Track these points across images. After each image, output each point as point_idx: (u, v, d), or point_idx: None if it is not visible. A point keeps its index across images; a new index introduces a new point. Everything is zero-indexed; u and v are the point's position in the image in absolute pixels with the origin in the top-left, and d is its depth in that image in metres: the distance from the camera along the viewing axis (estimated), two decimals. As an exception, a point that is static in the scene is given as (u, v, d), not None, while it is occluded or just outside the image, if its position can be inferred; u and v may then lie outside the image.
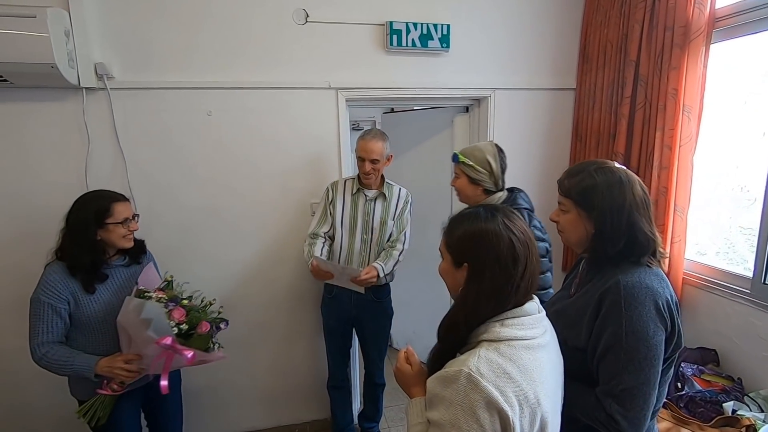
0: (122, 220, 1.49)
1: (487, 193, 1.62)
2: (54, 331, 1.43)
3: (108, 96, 1.91)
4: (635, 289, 0.97)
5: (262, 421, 2.43)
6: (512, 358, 0.80)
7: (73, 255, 1.45)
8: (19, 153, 1.87)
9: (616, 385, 0.96)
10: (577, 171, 1.08)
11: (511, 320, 0.83)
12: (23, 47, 1.64)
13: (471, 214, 0.89)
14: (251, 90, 2.08)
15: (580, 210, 1.05)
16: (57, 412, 2.07)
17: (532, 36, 2.39)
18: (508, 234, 0.84)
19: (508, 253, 0.83)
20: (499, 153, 1.62)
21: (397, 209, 2.10)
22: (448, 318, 0.89)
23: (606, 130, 2.26)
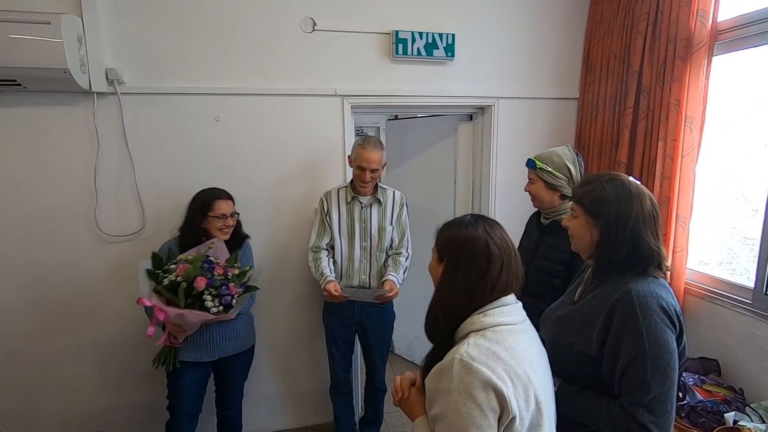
0: (219, 215, 1.78)
1: (563, 198, 1.62)
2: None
3: (118, 101, 1.95)
4: (647, 298, 0.99)
5: (265, 424, 2.44)
6: (498, 341, 0.85)
7: (184, 233, 1.80)
8: (32, 155, 1.91)
9: (644, 394, 0.96)
10: (591, 180, 1.12)
11: (493, 310, 0.89)
12: (37, 52, 1.68)
13: (458, 220, 0.99)
14: (258, 96, 2.12)
15: (588, 217, 1.09)
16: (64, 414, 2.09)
17: (536, 46, 2.42)
18: (485, 237, 0.91)
19: (482, 253, 0.90)
20: (577, 158, 1.62)
21: (394, 213, 2.10)
22: (428, 313, 0.96)
23: (609, 140, 2.28)
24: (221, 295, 1.61)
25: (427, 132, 2.93)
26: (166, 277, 1.59)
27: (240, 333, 1.91)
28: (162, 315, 1.57)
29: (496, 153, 2.47)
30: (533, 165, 1.64)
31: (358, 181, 1.99)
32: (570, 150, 1.64)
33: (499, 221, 2.60)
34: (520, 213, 1.96)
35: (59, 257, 1.97)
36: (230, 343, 1.88)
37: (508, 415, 0.81)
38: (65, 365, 2.09)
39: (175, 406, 1.84)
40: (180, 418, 1.84)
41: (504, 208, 2.50)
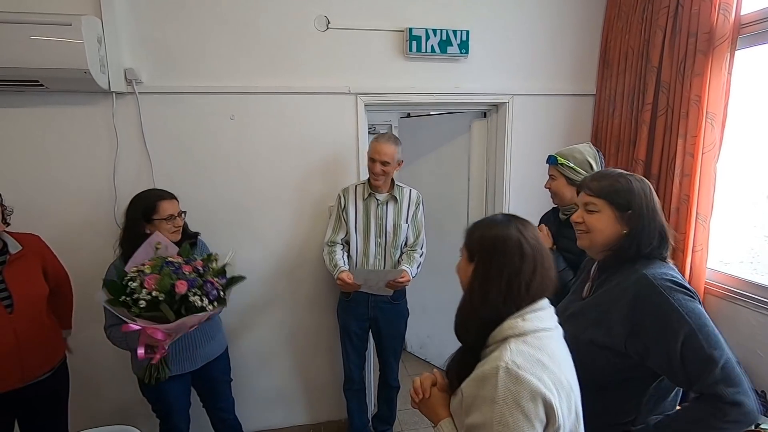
0: (167, 216, 1.64)
1: None
2: (116, 317, 1.48)
3: (136, 100, 1.98)
4: (663, 279, 1.01)
5: (280, 420, 2.47)
6: (541, 347, 0.82)
7: (127, 247, 1.61)
8: (54, 154, 1.95)
9: (712, 368, 0.93)
10: (606, 175, 1.15)
11: (531, 314, 0.86)
12: (59, 53, 1.71)
13: (490, 219, 0.96)
14: (273, 95, 2.13)
15: (613, 210, 1.10)
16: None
17: (552, 42, 2.38)
18: (518, 235, 0.88)
19: (515, 250, 0.87)
20: (598, 155, 1.64)
21: (409, 211, 2.11)
22: (458, 314, 0.92)
23: (626, 137, 2.24)
24: (207, 292, 1.48)
25: (440, 129, 2.92)
26: (138, 298, 1.38)
27: (214, 335, 1.86)
28: (160, 334, 1.41)
29: (511, 150, 2.45)
30: (554, 161, 1.64)
31: (371, 174, 2.01)
32: (591, 147, 1.64)
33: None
34: (535, 210, 1.94)
35: (80, 253, 2.00)
36: (209, 346, 1.83)
37: (554, 425, 0.78)
38: (85, 357, 2.13)
39: (167, 416, 1.82)
40: (175, 420, 1.83)
41: (518, 205, 2.48)
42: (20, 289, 1.55)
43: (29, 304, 1.57)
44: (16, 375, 1.54)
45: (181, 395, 1.82)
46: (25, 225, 1.92)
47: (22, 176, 1.94)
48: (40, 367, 1.63)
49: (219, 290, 1.53)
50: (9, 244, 1.56)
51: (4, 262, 1.54)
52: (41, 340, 1.61)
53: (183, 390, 1.83)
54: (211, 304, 1.49)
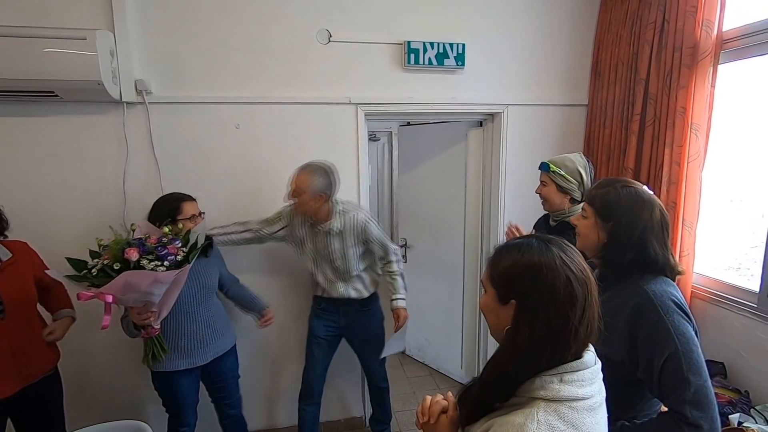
0: (190, 216, 1.79)
1: (573, 202, 1.70)
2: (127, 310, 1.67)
3: (146, 110, 2.07)
4: (663, 297, 1.04)
5: (286, 419, 2.51)
6: (575, 423, 0.69)
7: None
8: (68, 161, 2.04)
9: (685, 390, 0.98)
10: (606, 184, 1.17)
11: (571, 375, 0.72)
12: (74, 66, 1.80)
13: (522, 244, 0.78)
14: (277, 105, 2.22)
15: (597, 218, 1.14)
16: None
17: (545, 54, 2.48)
18: (565, 270, 0.72)
19: (565, 292, 0.71)
20: (588, 165, 1.71)
21: (356, 237, 2.00)
22: (494, 364, 0.78)
23: (617, 146, 2.32)
24: (160, 256, 1.53)
25: (438, 138, 3.01)
26: (94, 268, 1.50)
27: (224, 331, 1.96)
28: (109, 297, 1.47)
29: (506, 158, 2.53)
30: (547, 168, 1.71)
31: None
32: (582, 157, 1.72)
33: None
34: (529, 217, 2.03)
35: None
36: (219, 341, 1.92)
37: None
38: (105, 357, 2.22)
39: (177, 413, 1.91)
40: (184, 416, 1.91)
41: (513, 212, 2.56)
42: (11, 295, 1.58)
43: (21, 309, 1.61)
44: (13, 379, 1.58)
45: (191, 391, 1.91)
46: (36, 229, 2.00)
47: (36, 182, 2.02)
48: (35, 371, 1.66)
49: (177, 256, 1.57)
50: (0, 251, 1.61)
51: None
52: (34, 345, 1.66)
53: (192, 385, 1.92)
54: (162, 267, 1.53)
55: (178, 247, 1.61)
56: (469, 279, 2.93)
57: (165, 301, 1.64)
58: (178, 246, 1.61)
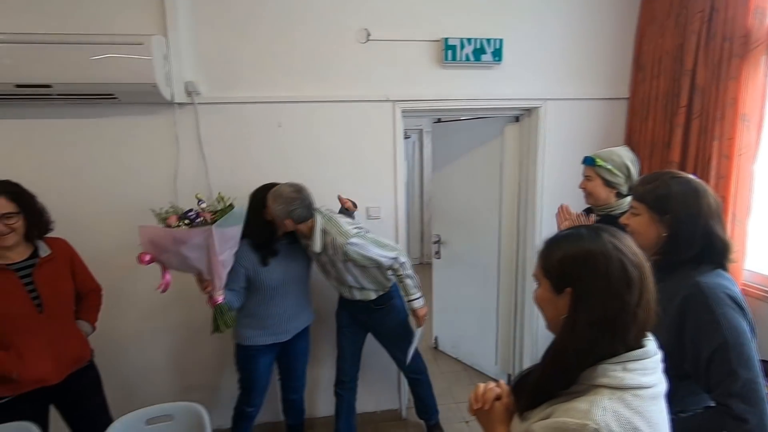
0: None
1: (618, 196, 1.68)
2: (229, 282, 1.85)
3: (195, 110, 2.17)
4: (717, 289, 1.03)
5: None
6: (640, 410, 0.70)
7: (253, 233, 1.90)
8: (124, 159, 2.17)
9: (732, 382, 0.97)
10: (652, 179, 1.16)
11: (634, 363, 0.72)
12: (131, 70, 1.92)
13: (571, 234, 0.80)
14: (317, 103, 2.29)
15: (652, 214, 1.13)
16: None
17: (585, 47, 2.44)
18: (618, 254, 0.73)
19: (620, 276, 0.72)
20: (635, 158, 1.69)
21: (340, 258, 1.93)
22: (555, 352, 0.79)
23: (660, 140, 2.27)
24: (192, 219, 1.65)
25: (472, 134, 3.01)
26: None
27: (304, 307, 2.12)
28: (146, 257, 1.65)
29: (544, 154, 2.51)
30: (592, 162, 1.69)
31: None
32: (629, 151, 1.70)
33: (549, 221, 2.65)
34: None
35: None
36: (299, 319, 2.09)
37: None
38: (143, 347, 2.35)
39: (250, 388, 2.05)
40: (254, 396, 2.07)
41: (552, 208, 2.51)
42: (49, 290, 1.65)
43: (58, 303, 1.70)
44: (52, 370, 1.66)
45: (266, 371, 2.08)
46: (89, 226, 2.14)
47: (92, 180, 2.16)
48: (73, 362, 1.74)
49: (206, 219, 1.67)
50: (40, 248, 1.70)
51: (33, 265, 1.64)
52: (71, 338, 1.74)
53: (269, 366, 2.09)
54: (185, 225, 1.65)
55: (211, 213, 1.70)
56: (505, 275, 2.92)
57: (212, 270, 1.70)
58: (211, 215, 1.70)
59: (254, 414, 2.11)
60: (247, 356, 2.01)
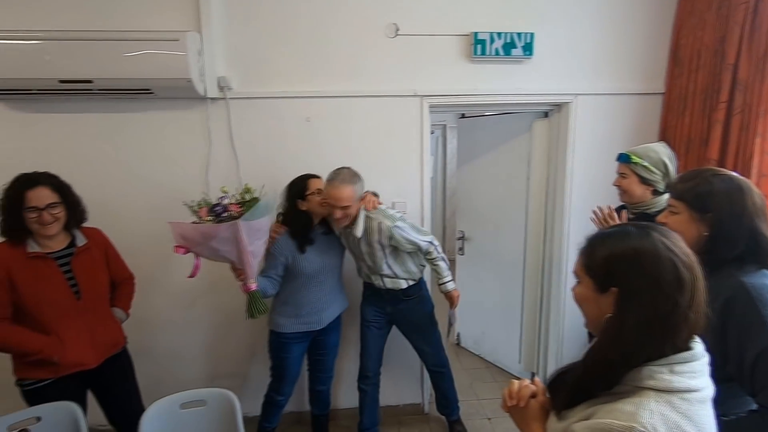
0: (316, 190, 1.97)
1: (655, 193, 1.63)
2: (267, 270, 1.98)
3: (227, 105, 2.22)
4: (763, 290, 1.00)
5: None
6: (689, 414, 0.67)
7: (290, 222, 2.00)
8: (158, 152, 2.24)
9: None
10: (692, 176, 1.13)
11: (682, 366, 0.70)
12: (167, 65, 1.98)
13: (618, 232, 0.77)
14: (344, 98, 2.30)
15: (692, 212, 1.09)
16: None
17: (619, 41, 2.38)
18: (669, 254, 0.71)
19: (672, 277, 0.70)
20: (673, 154, 1.65)
21: (382, 242, 2.00)
22: (598, 352, 0.76)
23: (697, 137, 2.19)
24: (218, 213, 1.71)
25: (499, 129, 2.97)
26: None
27: (338, 295, 2.18)
28: (180, 250, 1.73)
29: (574, 150, 2.46)
30: (627, 159, 1.65)
31: (332, 218, 1.96)
32: (666, 147, 1.66)
33: (577, 219, 2.62)
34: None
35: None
36: (333, 308, 2.14)
37: None
38: (180, 334, 2.43)
39: (281, 375, 2.11)
40: (285, 384, 2.12)
41: (581, 205, 2.48)
42: (86, 278, 1.72)
43: (94, 291, 1.77)
44: (90, 355, 1.73)
45: (297, 360, 2.14)
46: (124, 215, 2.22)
47: (128, 172, 2.24)
48: (108, 348, 1.82)
49: (232, 213, 1.72)
50: (77, 237, 1.76)
51: (71, 254, 1.71)
52: (106, 324, 1.82)
53: (300, 355, 2.14)
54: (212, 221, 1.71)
55: (238, 206, 1.75)
56: (531, 273, 2.88)
57: (243, 261, 1.76)
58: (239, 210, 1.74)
59: (283, 403, 2.17)
60: (281, 343, 2.07)
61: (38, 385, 1.66)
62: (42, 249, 1.65)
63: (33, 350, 1.61)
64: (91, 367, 1.74)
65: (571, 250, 2.57)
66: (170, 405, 1.61)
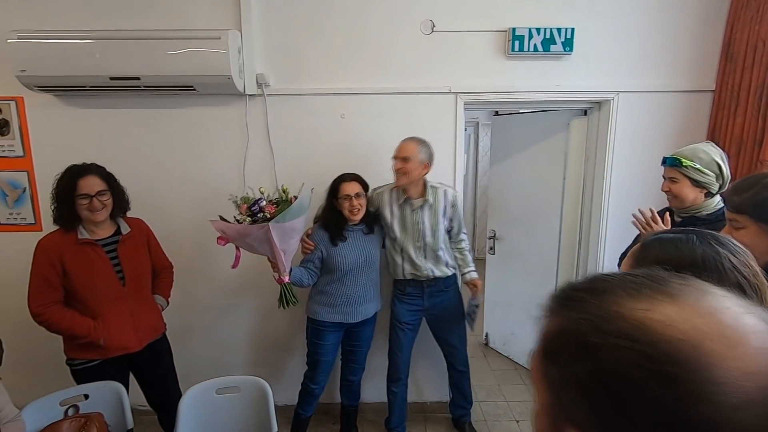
0: (344, 195, 2.02)
1: (707, 196, 1.56)
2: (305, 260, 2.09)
3: (264, 101, 2.28)
4: None
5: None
6: None
7: (323, 215, 2.10)
8: (199, 146, 2.33)
9: None
10: (748, 185, 1.05)
11: None
12: (209, 63, 2.04)
13: (679, 239, 0.69)
14: (379, 95, 2.31)
15: (760, 224, 1.02)
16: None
17: (665, 35, 2.27)
18: (735, 274, 0.64)
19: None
20: (724, 153, 1.56)
21: (446, 213, 2.14)
22: None
23: (750, 137, 2.07)
24: (254, 213, 1.81)
25: (535, 127, 2.91)
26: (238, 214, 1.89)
27: (372, 296, 2.20)
28: (221, 241, 1.85)
29: (613, 149, 2.38)
30: (677, 163, 1.56)
31: (394, 173, 2.06)
32: (715, 146, 1.57)
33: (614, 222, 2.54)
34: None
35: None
36: (367, 306, 2.17)
37: None
38: (221, 322, 2.53)
39: (316, 362, 2.17)
40: (319, 372, 2.18)
41: (619, 207, 2.40)
42: (130, 265, 1.81)
43: (138, 278, 1.85)
44: (134, 339, 1.83)
45: (332, 349, 2.19)
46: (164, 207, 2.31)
47: (170, 165, 2.33)
48: (150, 333, 1.91)
49: (267, 214, 1.80)
50: (121, 226, 1.85)
51: (117, 242, 1.80)
52: (148, 311, 1.91)
53: (335, 345, 2.20)
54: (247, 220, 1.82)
55: (274, 206, 1.84)
56: (564, 275, 2.81)
57: (275, 256, 1.86)
58: (273, 208, 1.83)
59: (318, 392, 2.23)
60: (316, 330, 2.14)
61: (86, 365, 1.77)
62: (91, 236, 1.75)
63: (81, 334, 1.72)
64: (134, 351, 1.84)
65: (606, 254, 2.49)
66: (207, 390, 1.68)
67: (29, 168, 2.31)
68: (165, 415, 1.99)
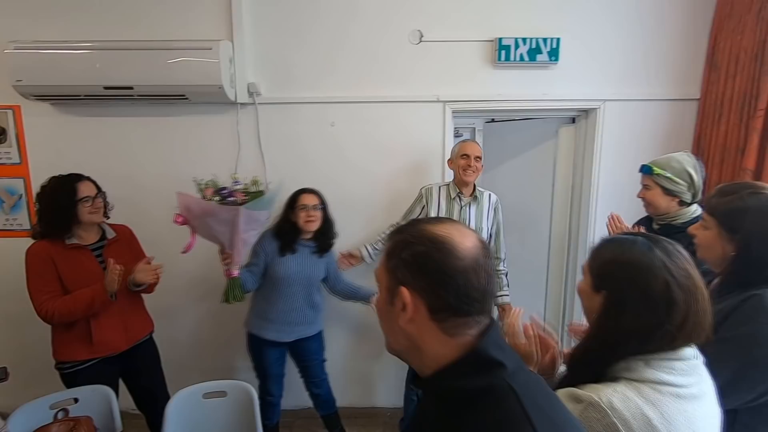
0: (302, 205, 2.01)
1: (682, 204, 1.59)
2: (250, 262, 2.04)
3: (255, 110, 2.32)
4: None
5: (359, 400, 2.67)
6: (655, 403, 0.68)
7: (277, 224, 2.07)
8: (190, 154, 2.37)
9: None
10: (730, 191, 1.07)
11: (659, 361, 0.71)
12: (201, 72, 2.09)
13: (626, 240, 0.78)
14: (368, 103, 2.35)
15: (721, 230, 1.05)
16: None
17: (651, 44, 2.30)
18: (664, 274, 0.70)
19: (662, 297, 0.70)
20: (698, 163, 1.59)
21: (489, 215, 2.24)
22: (579, 351, 0.81)
23: (733, 145, 2.10)
24: (224, 196, 1.79)
25: (525, 135, 2.94)
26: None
27: (312, 320, 2.14)
28: (179, 218, 1.81)
29: (600, 157, 2.41)
30: (649, 171, 1.61)
31: (463, 171, 2.13)
32: (690, 156, 1.60)
33: (602, 227, 2.56)
34: (625, 219, 1.91)
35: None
36: (304, 327, 2.11)
37: None
38: (209, 327, 2.56)
39: (263, 376, 2.15)
40: (270, 385, 2.14)
41: (606, 212, 2.35)
42: None
43: (124, 279, 1.84)
44: (123, 339, 1.86)
45: (277, 363, 2.14)
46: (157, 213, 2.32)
47: (164, 171, 2.37)
48: (137, 334, 1.94)
49: (236, 200, 1.79)
50: (106, 231, 1.89)
51: (103, 246, 1.85)
52: (135, 312, 1.95)
53: (279, 359, 2.15)
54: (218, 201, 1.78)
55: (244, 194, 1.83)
56: (554, 280, 2.83)
57: (233, 246, 1.83)
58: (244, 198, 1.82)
59: (276, 401, 2.18)
60: (257, 346, 2.09)
61: (75, 369, 1.80)
62: (79, 241, 1.79)
63: (88, 301, 1.72)
64: (121, 350, 1.87)
65: (595, 259, 2.50)
66: (193, 394, 1.71)
67: (26, 175, 2.36)
68: (153, 419, 2.02)
